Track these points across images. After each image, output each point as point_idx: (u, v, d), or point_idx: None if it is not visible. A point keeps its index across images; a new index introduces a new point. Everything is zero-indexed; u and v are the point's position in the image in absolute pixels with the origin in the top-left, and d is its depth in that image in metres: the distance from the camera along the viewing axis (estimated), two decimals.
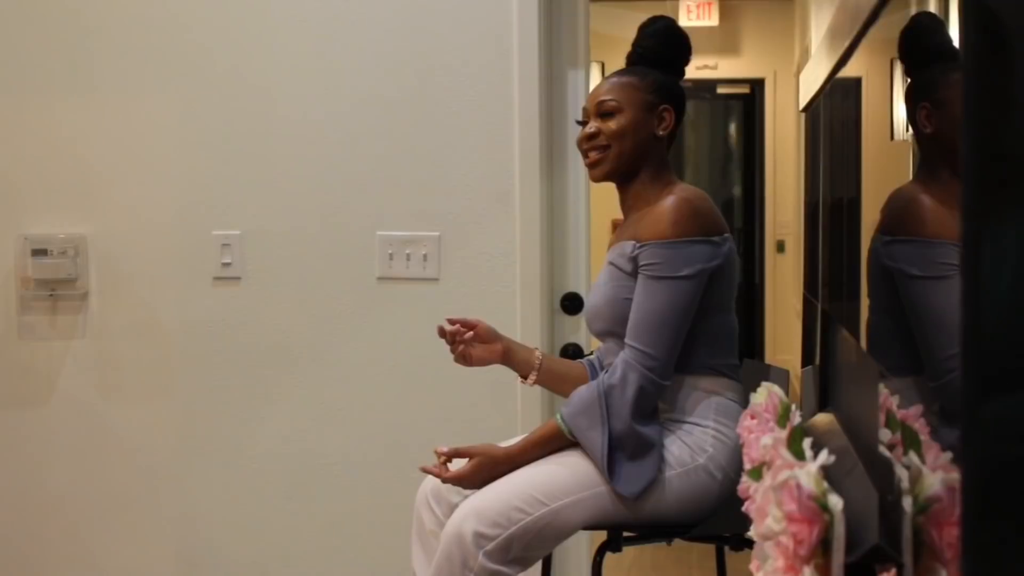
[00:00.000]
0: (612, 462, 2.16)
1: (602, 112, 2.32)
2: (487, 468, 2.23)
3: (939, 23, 1.40)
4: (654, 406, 2.22)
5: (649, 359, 2.17)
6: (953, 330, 1.17)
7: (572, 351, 3.05)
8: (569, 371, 2.45)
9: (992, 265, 0.90)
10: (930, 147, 1.29)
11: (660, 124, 2.32)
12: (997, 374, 0.90)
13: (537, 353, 2.44)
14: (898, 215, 1.48)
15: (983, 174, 0.90)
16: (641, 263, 2.21)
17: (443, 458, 2.27)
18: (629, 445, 2.16)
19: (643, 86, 2.32)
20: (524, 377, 2.44)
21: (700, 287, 2.19)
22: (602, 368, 2.39)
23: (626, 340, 2.20)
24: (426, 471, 2.29)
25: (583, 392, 2.22)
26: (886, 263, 1.53)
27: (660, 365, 2.17)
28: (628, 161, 2.31)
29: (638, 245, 2.22)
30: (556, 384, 2.46)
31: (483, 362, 2.42)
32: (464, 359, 2.41)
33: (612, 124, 2.31)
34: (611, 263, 2.30)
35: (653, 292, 2.18)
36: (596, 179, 2.38)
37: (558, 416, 2.24)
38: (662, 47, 2.36)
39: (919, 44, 1.50)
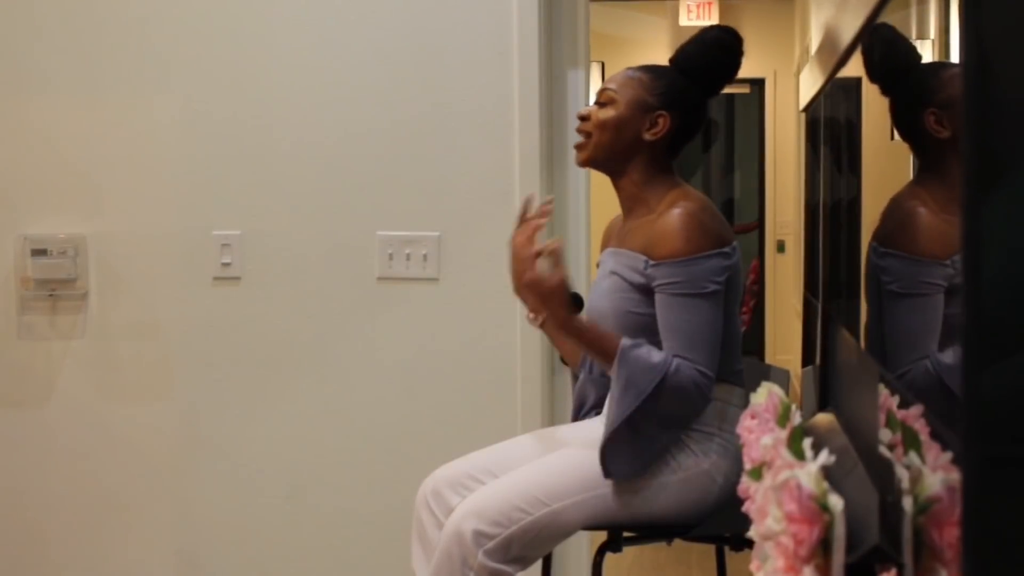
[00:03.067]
0: (616, 434, 2.14)
1: (600, 99, 2.32)
2: (550, 311, 2.15)
3: (895, 31, 1.41)
4: (688, 415, 2.20)
5: (704, 377, 2.15)
6: (916, 348, 1.18)
7: None
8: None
9: (992, 263, 0.90)
10: (942, 151, 1.28)
11: (650, 128, 2.29)
12: (997, 373, 0.90)
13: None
14: (893, 227, 1.48)
15: (983, 169, 0.90)
16: (659, 281, 2.19)
17: (543, 219, 2.21)
18: (640, 433, 2.13)
19: (650, 86, 2.30)
20: (535, 315, 2.29)
21: (722, 298, 2.19)
22: None
23: (682, 355, 2.15)
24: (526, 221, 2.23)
25: (653, 355, 2.14)
26: (876, 274, 1.54)
27: (711, 382, 2.16)
28: (607, 155, 2.30)
29: (651, 263, 2.20)
30: (556, 340, 2.43)
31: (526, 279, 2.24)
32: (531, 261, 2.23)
33: (601, 114, 2.30)
34: (616, 272, 2.27)
35: (685, 308, 2.16)
36: (576, 162, 2.37)
37: (624, 345, 2.13)
38: (698, 57, 2.32)
39: (892, 55, 1.50)
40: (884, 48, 1.55)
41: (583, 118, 2.33)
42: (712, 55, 2.32)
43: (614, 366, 2.15)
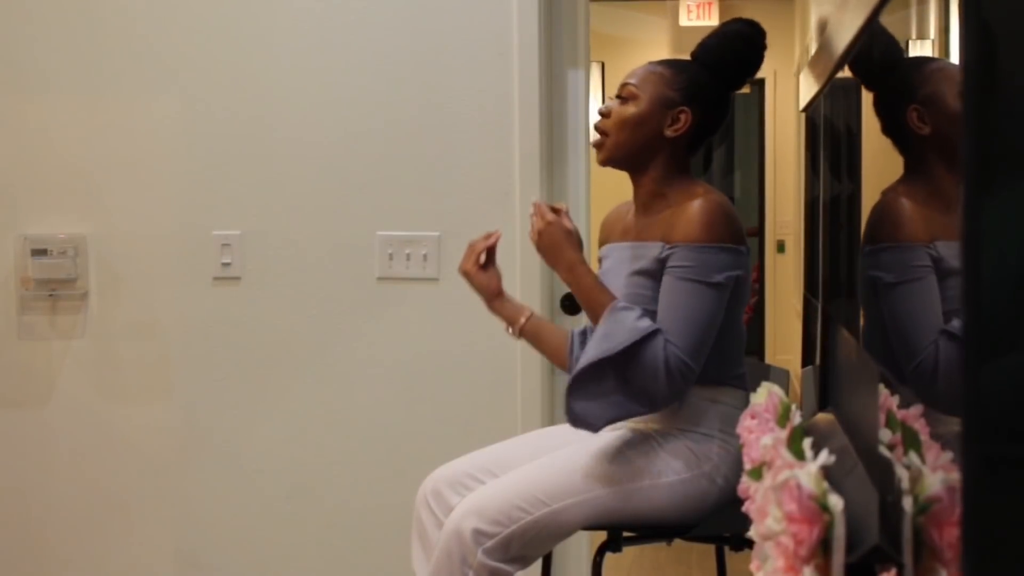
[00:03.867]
0: (582, 375, 2.10)
1: (621, 94, 2.29)
2: (562, 253, 2.20)
3: (885, 31, 1.41)
4: (658, 396, 2.15)
5: (682, 364, 2.10)
6: (924, 333, 1.18)
7: None
8: (552, 337, 2.38)
9: (992, 263, 0.90)
10: (924, 147, 1.28)
11: (672, 124, 2.25)
12: (997, 373, 0.90)
13: (526, 311, 2.37)
14: (877, 223, 1.48)
15: (983, 169, 0.90)
16: (671, 264, 2.16)
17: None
18: (602, 383, 2.09)
19: (672, 81, 2.26)
20: (511, 325, 2.40)
21: (727, 295, 2.17)
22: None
23: (668, 338, 2.12)
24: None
25: (640, 321, 2.11)
26: (868, 272, 1.54)
27: (691, 372, 2.11)
28: (627, 152, 2.27)
29: (668, 246, 2.17)
30: (539, 344, 2.40)
31: (478, 284, 2.37)
32: (475, 264, 2.36)
33: (622, 110, 2.27)
34: (637, 272, 2.23)
35: (687, 293, 2.13)
36: (598, 161, 2.35)
37: (616, 304, 2.13)
38: (719, 50, 2.28)
39: (880, 54, 1.50)
40: (869, 44, 1.55)
41: (604, 115, 2.29)
42: (734, 48, 2.29)
43: (600, 320, 2.14)
